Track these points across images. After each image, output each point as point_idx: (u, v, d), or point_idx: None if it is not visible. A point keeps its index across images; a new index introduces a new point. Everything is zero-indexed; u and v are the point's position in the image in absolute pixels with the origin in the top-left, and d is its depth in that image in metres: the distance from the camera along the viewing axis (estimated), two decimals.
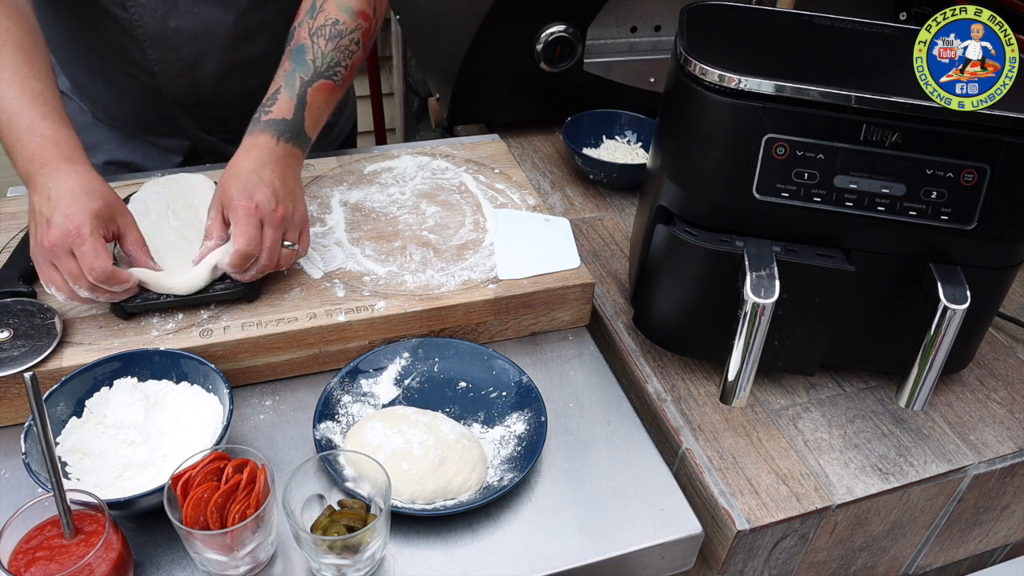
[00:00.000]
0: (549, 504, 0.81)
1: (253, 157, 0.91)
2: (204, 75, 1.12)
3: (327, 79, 0.98)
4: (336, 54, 0.99)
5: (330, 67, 0.99)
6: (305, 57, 0.98)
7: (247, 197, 0.88)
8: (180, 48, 1.08)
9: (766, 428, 0.91)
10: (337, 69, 0.99)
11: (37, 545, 0.68)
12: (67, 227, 0.81)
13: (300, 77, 0.96)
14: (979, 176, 0.79)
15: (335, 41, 0.99)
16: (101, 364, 0.82)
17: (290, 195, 0.92)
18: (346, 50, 1.00)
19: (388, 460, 0.78)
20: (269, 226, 0.89)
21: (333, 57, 0.99)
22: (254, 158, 0.91)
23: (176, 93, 1.13)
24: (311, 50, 0.98)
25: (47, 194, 0.83)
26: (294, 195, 0.93)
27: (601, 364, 0.98)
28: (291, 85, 0.96)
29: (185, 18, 1.05)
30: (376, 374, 0.91)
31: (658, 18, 1.36)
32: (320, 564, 0.72)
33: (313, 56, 0.98)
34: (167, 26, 1.06)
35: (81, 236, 0.81)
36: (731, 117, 0.80)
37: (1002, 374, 1.00)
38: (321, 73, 0.98)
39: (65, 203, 0.82)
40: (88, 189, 0.84)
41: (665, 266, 0.90)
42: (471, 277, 0.97)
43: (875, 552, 0.95)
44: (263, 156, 0.92)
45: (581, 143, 1.29)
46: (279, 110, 0.95)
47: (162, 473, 0.76)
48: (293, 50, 0.99)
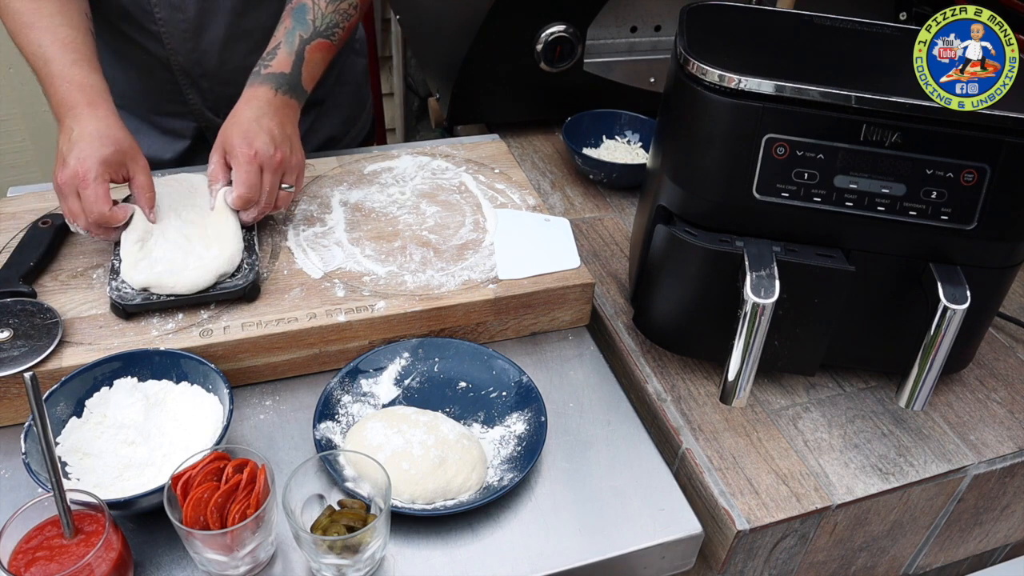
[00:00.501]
0: (549, 504, 0.81)
1: (253, 107, 0.98)
2: (210, 40, 1.14)
3: (325, 38, 1.06)
4: (335, 16, 1.07)
5: (329, 27, 1.06)
6: (306, 16, 1.05)
7: (247, 144, 0.95)
8: (186, 7, 1.10)
9: (766, 428, 0.91)
10: (335, 30, 1.07)
11: (37, 545, 0.68)
12: (76, 169, 0.88)
13: (300, 35, 1.04)
14: (979, 176, 0.79)
15: (335, 4, 1.07)
16: (101, 364, 0.82)
17: (287, 141, 0.99)
18: (345, 13, 1.08)
19: (388, 460, 0.78)
20: (268, 171, 0.96)
21: (332, 19, 1.06)
22: (254, 107, 0.98)
23: (182, 62, 1.15)
24: (312, 10, 1.05)
25: (69, 135, 0.90)
26: (291, 141, 1.00)
27: (601, 364, 0.98)
28: (291, 42, 1.03)
29: None
30: (376, 374, 0.91)
31: (658, 18, 1.36)
32: (320, 564, 0.72)
33: (314, 16, 1.05)
34: None
35: (86, 180, 0.88)
36: (731, 117, 0.80)
37: (1002, 374, 1.00)
38: (320, 32, 1.05)
39: (80, 146, 0.89)
40: (103, 134, 0.90)
41: (665, 266, 0.90)
42: (471, 277, 0.97)
43: (875, 552, 0.95)
44: (262, 106, 0.98)
45: (581, 143, 1.29)
46: (278, 64, 1.02)
47: (162, 473, 0.76)
48: (294, 8, 1.05)
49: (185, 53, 1.14)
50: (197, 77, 1.18)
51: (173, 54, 1.14)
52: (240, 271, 0.93)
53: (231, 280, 0.91)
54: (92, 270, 0.95)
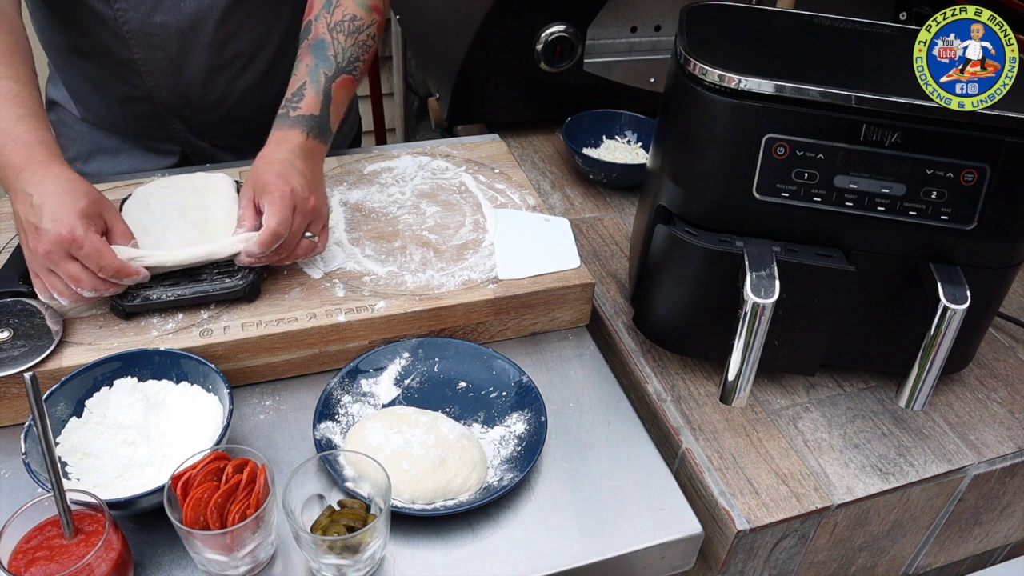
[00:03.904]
0: (549, 504, 0.81)
1: (285, 149, 0.93)
2: (191, 74, 1.11)
3: (348, 74, 1.01)
4: (355, 49, 1.02)
5: (350, 62, 1.02)
6: (326, 52, 1.00)
7: (283, 182, 0.89)
8: (166, 45, 1.08)
9: (766, 428, 0.91)
10: (356, 64, 1.03)
11: (37, 545, 0.68)
12: (59, 232, 0.80)
13: (324, 73, 0.99)
14: (979, 176, 0.79)
15: (354, 36, 1.02)
16: (101, 364, 0.82)
17: (319, 189, 0.94)
18: (364, 45, 1.03)
19: (388, 460, 0.78)
20: (299, 213, 0.90)
21: (352, 52, 1.02)
22: (286, 150, 0.93)
23: (165, 97, 1.13)
24: (331, 46, 1.01)
25: (29, 201, 0.82)
26: (321, 190, 0.95)
27: (601, 364, 0.98)
28: (316, 81, 0.98)
29: (171, 13, 1.05)
30: (376, 374, 0.91)
31: (658, 18, 1.36)
32: (320, 564, 0.72)
33: (334, 52, 1.00)
34: (152, 22, 1.05)
35: (77, 240, 0.81)
36: (731, 117, 0.80)
37: (1002, 374, 1.00)
38: (343, 68, 1.01)
39: (50, 208, 0.81)
40: (69, 190, 0.83)
41: (665, 266, 0.90)
42: (471, 277, 0.97)
43: (875, 552, 0.95)
44: (294, 149, 0.94)
45: (581, 143, 1.29)
46: (307, 106, 0.97)
47: (162, 473, 0.76)
48: (312, 45, 1.01)
49: (168, 88, 1.12)
50: (180, 108, 1.15)
51: (155, 89, 1.12)
52: (240, 271, 0.92)
53: (231, 280, 0.91)
54: None
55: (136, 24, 1.05)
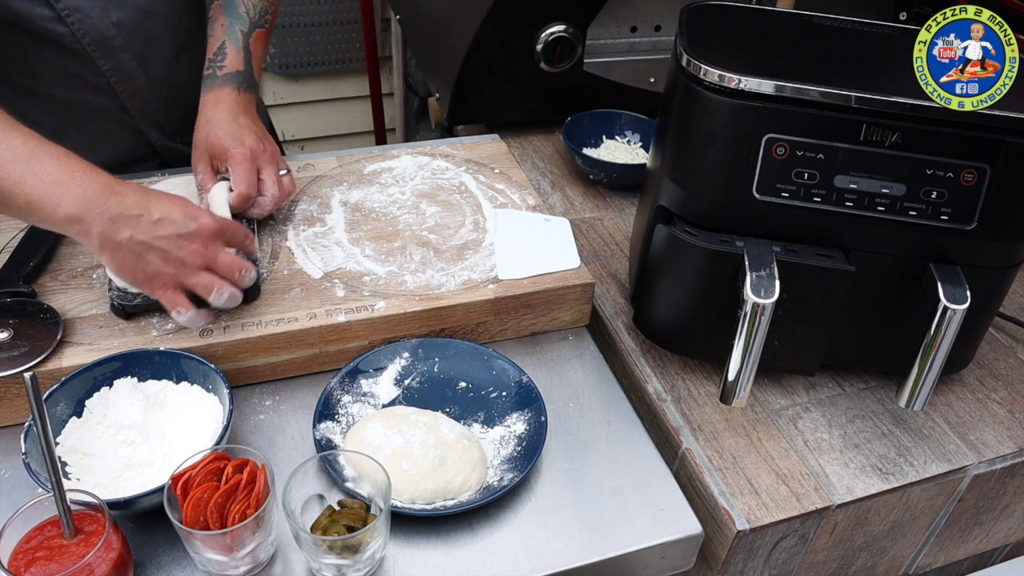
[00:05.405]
0: (549, 504, 0.81)
1: (224, 109, 0.98)
2: (158, 63, 1.10)
3: (260, 27, 1.07)
4: (263, 3, 1.09)
5: (261, 16, 1.08)
6: (238, 10, 1.06)
7: (239, 143, 0.95)
8: (129, 43, 1.06)
9: (766, 428, 0.91)
10: (266, 17, 1.09)
11: (37, 545, 0.68)
12: (208, 224, 0.81)
13: (240, 29, 1.04)
14: (979, 176, 0.79)
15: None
16: (101, 364, 0.82)
17: (266, 136, 1.00)
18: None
19: (388, 460, 0.78)
20: (265, 164, 0.97)
21: (261, 6, 1.08)
22: (225, 110, 0.97)
23: (139, 104, 1.11)
24: (242, 3, 1.07)
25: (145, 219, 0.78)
26: (267, 135, 1.01)
27: (601, 364, 0.98)
28: (234, 38, 1.03)
29: (125, 8, 1.03)
30: (376, 374, 0.91)
31: (658, 18, 1.36)
32: (320, 564, 0.72)
33: (245, 8, 1.06)
34: (109, 22, 1.02)
35: (224, 225, 0.83)
36: (731, 117, 0.80)
37: (1002, 374, 1.00)
38: (256, 23, 1.06)
39: (178, 212, 0.80)
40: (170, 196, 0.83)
41: (665, 266, 0.90)
42: (471, 277, 0.97)
43: (875, 552, 0.95)
44: (232, 107, 0.98)
45: (581, 143, 1.29)
46: (231, 63, 1.02)
47: (162, 473, 0.76)
48: (224, 5, 1.06)
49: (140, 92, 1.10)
50: (154, 112, 1.13)
51: (129, 99, 1.10)
52: None
53: None
54: (92, 270, 0.95)
55: (95, 33, 1.02)
